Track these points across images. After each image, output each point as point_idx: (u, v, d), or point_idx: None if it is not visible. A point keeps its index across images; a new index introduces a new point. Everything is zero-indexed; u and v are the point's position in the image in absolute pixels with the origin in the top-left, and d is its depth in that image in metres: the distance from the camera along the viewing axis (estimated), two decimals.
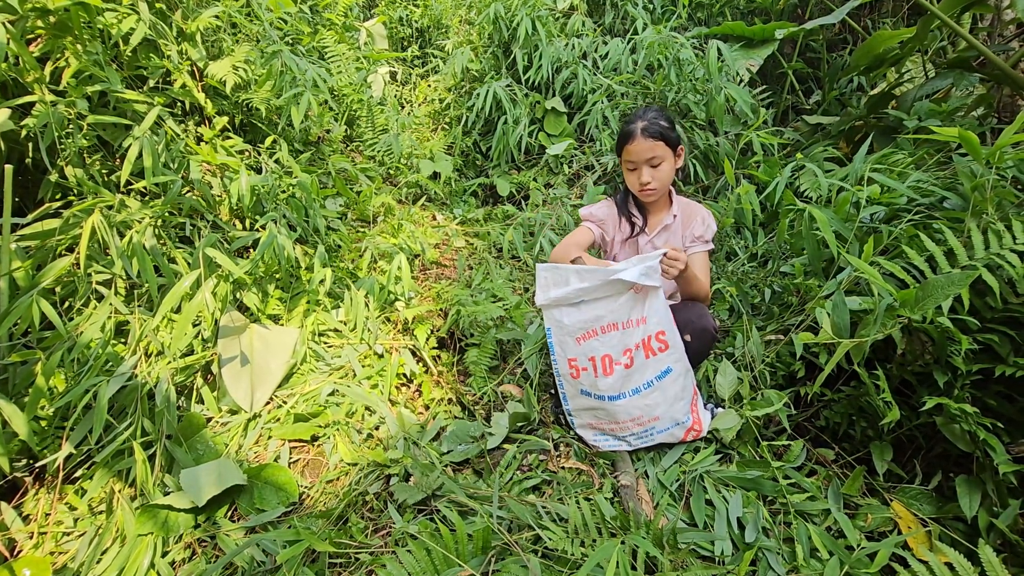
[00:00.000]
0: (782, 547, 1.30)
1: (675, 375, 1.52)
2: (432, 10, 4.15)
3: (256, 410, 1.76)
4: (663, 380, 1.51)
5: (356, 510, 1.51)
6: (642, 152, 1.62)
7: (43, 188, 1.73)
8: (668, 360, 1.51)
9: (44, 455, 1.48)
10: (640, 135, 1.61)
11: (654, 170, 1.64)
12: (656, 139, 1.61)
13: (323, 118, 2.77)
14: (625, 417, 1.53)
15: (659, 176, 1.65)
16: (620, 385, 1.50)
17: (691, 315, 1.62)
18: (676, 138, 1.66)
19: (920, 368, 1.43)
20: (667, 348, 1.50)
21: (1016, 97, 2.71)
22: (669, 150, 1.64)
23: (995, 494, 1.29)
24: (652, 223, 1.79)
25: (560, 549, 1.24)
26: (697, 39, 3.25)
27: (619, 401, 1.51)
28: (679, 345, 1.52)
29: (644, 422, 1.53)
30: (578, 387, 1.57)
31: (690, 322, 1.61)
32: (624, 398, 1.51)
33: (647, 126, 1.61)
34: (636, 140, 1.62)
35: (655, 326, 1.49)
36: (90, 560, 1.35)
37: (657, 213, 1.80)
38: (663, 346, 1.49)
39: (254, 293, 1.96)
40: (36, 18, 1.65)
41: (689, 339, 1.60)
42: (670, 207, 1.78)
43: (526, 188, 3.18)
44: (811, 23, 2.70)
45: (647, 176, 1.64)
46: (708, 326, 1.61)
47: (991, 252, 1.35)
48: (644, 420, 1.53)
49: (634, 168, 1.67)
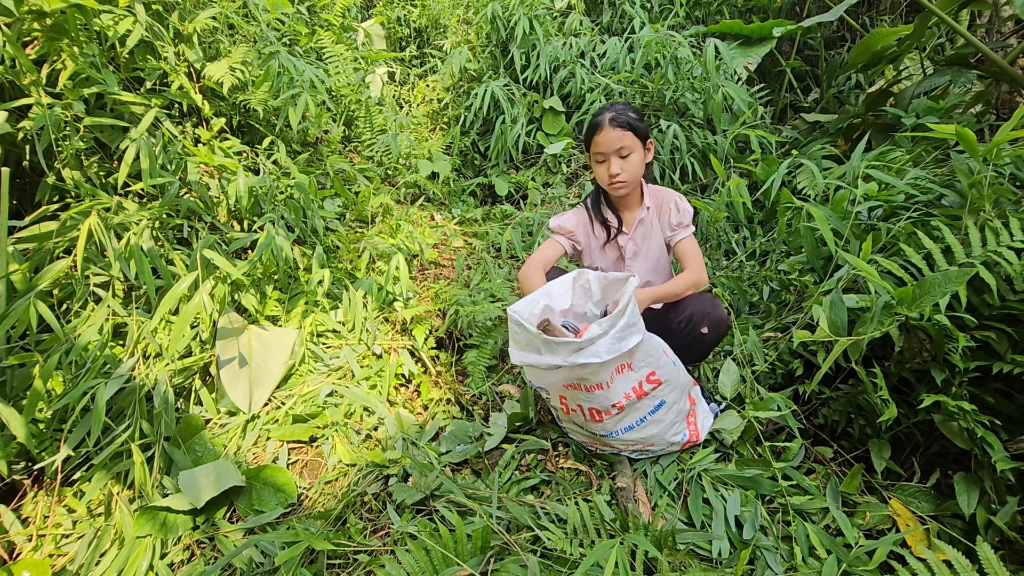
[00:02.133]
0: (780, 546, 1.30)
1: (669, 404, 1.47)
2: (430, 10, 4.15)
3: (254, 411, 1.76)
4: (656, 414, 1.46)
5: (355, 511, 1.51)
6: (611, 142, 1.59)
7: (40, 191, 1.73)
8: (661, 394, 1.45)
9: (42, 458, 1.48)
10: (608, 125, 1.58)
11: (623, 161, 1.61)
12: (624, 129, 1.58)
13: (321, 119, 2.77)
14: (620, 446, 1.52)
15: (629, 168, 1.61)
16: (613, 425, 1.46)
17: (705, 306, 1.59)
18: (645, 130, 1.63)
19: (918, 366, 1.43)
20: (660, 384, 1.43)
21: (1014, 94, 2.71)
22: (638, 141, 1.61)
23: (993, 491, 1.29)
24: (628, 221, 1.75)
25: (559, 549, 1.24)
26: (695, 37, 3.25)
27: (612, 437, 1.49)
28: (671, 373, 1.46)
29: (641, 448, 1.52)
30: (571, 418, 1.54)
31: (706, 313, 1.58)
32: (617, 435, 1.48)
33: (615, 116, 1.58)
34: (604, 130, 1.59)
35: (644, 369, 1.41)
36: (89, 562, 1.35)
37: (632, 210, 1.75)
38: (655, 385, 1.43)
39: (252, 294, 1.96)
40: (32, 20, 1.65)
41: (706, 331, 1.58)
42: (643, 201, 1.74)
43: (524, 187, 3.18)
44: (809, 21, 2.70)
45: (616, 167, 1.60)
46: (722, 316, 1.59)
47: (988, 249, 1.35)
48: (641, 446, 1.51)
49: (603, 160, 1.63)
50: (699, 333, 1.61)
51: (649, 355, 1.42)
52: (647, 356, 1.41)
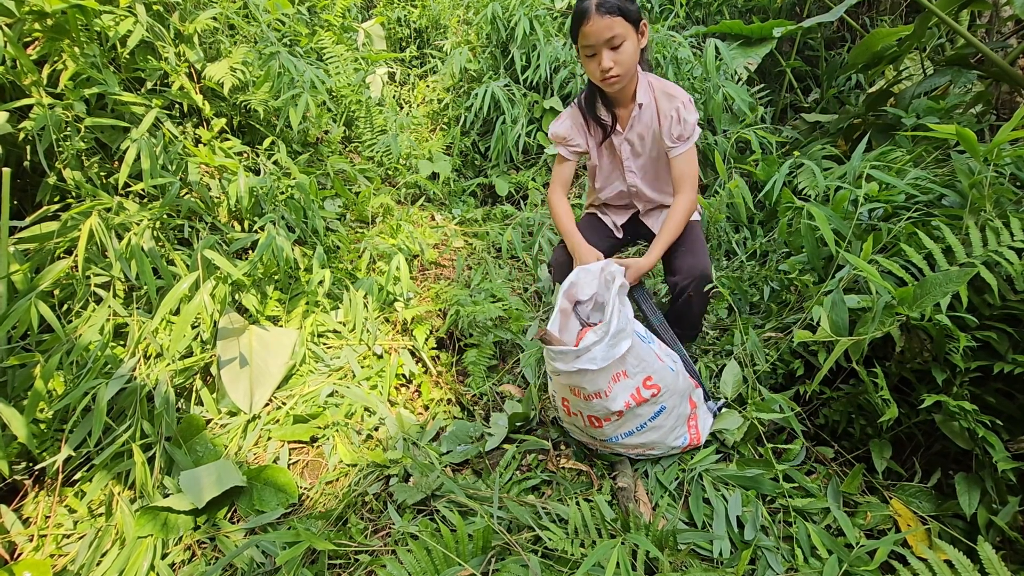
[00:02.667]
0: (781, 546, 1.30)
1: (669, 410, 1.47)
2: (430, 10, 4.15)
3: (255, 411, 1.76)
4: (656, 420, 1.46)
5: (356, 511, 1.51)
6: (600, 32, 1.43)
7: (41, 191, 1.73)
8: (661, 400, 1.45)
9: (43, 458, 1.48)
10: (595, 12, 1.42)
11: (615, 52, 1.45)
12: (614, 15, 1.41)
13: (321, 119, 2.77)
14: (621, 450, 1.53)
15: (622, 60, 1.46)
16: (612, 431, 1.46)
17: (691, 260, 1.58)
18: (636, 12, 1.46)
19: (919, 366, 1.43)
20: (659, 391, 1.42)
21: (1014, 94, 2.71)
22: (630, 26, 1.45)
23: (994, 491, 1.29)
24: (623, 118, 1.63)
25: (560, 549, 1.24)
26: (695, 38, 3.25)
27: (612, 442, 1.50)
28: (668, 378, 1.45)
29: (642, 451, 1.53)
30: (572, 421, 1.54)
31: (690, 273, 1.57)
32: (617, 440, 1.48)
33: (602, 1, 1.41)
34: (591, 19, 1.42)
35: (639, 375, 1.40)
36: (90, 562, 1.36)
37: (628, 105, 1.61)
38: (654, 391, 1.41)
39: (253, 294, 1.96)
40: (33, 21, 1.65)
41: (692, 295, 1.57)
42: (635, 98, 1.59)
43: (525, 188, 3.18)
44: (809, 21, 2.70)
45: (608, 61, 1.45)
46: (705, 270, 1.56)
47: (989, 249, 1.35)
48: (642, 451, 1.52)
49: (593, 54, 1.47)
50: (687, 297, 1.61)
51: (642, 359, 1.41)
52: (640, 361, 1.41)
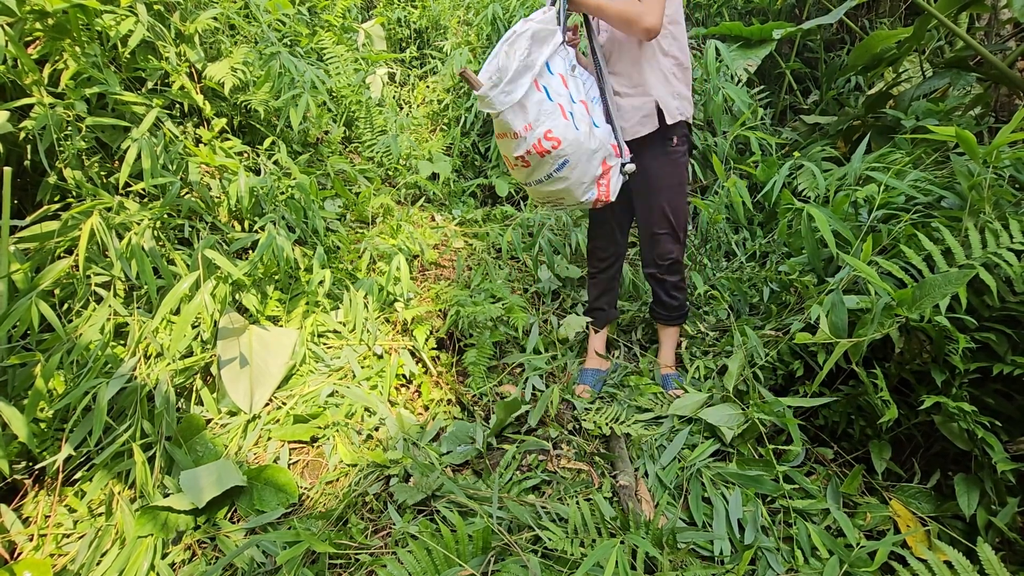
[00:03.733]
0: (781, 546, 1.30)
1: (572, 165, 1.55)
2: (430, 11, 4.15)
3: (255, 411, 1.76)
4: (562, 171, 1.55)
5: (356, 511, 1.51)
6: None
7: (42, 190, 1.73)
8: (563, 154, 1.52)
9: (44, 457, 1.48)
10: None
11: None
12: None
13: (322, 119, 2.77)
14: (539, 197, 1.69)
15: None
16: (524, 177, 1.62)
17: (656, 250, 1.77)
18: None
19: (918, 367, 1.44)
20: (559, 144, 1.50)
21: (1013, 96, 2.72)
22: None
23: (993, 492, 1.29)
24: None
25: (560, 549, 1.24)
26: (695, 39, 3.26)
27: (529, 187, 1.66)
28: (570, 134, 1.51)
29: (553, 201, 1.67)
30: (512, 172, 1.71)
31: (652, 261, 1.79)
32: (531, 186, 1.64)
33: None
34: None
35: (541, 127, 1.49)
36: (90, 562, 1.35)
37: None
38: (555, 143, 1.50)
39: (253, 294, 1.96)
40: (34, 20, 1.65)
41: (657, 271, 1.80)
42: None
43: (524, 188, 3.17)
44: (809, 23, 2.71)
45: None
46: (669, 254, 1.77)
47: (988, 251, 1.35)
48: (554, 200, 1.66)
49: None
50: (658, 278, 1.82)
51: (543, 112, 1.50)
52: (540, 113, 1.49)
